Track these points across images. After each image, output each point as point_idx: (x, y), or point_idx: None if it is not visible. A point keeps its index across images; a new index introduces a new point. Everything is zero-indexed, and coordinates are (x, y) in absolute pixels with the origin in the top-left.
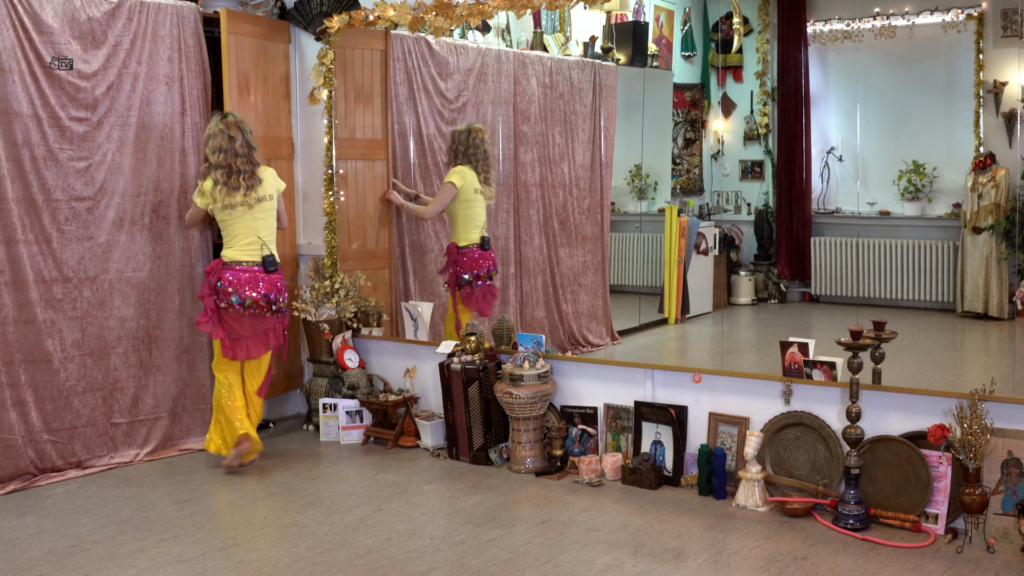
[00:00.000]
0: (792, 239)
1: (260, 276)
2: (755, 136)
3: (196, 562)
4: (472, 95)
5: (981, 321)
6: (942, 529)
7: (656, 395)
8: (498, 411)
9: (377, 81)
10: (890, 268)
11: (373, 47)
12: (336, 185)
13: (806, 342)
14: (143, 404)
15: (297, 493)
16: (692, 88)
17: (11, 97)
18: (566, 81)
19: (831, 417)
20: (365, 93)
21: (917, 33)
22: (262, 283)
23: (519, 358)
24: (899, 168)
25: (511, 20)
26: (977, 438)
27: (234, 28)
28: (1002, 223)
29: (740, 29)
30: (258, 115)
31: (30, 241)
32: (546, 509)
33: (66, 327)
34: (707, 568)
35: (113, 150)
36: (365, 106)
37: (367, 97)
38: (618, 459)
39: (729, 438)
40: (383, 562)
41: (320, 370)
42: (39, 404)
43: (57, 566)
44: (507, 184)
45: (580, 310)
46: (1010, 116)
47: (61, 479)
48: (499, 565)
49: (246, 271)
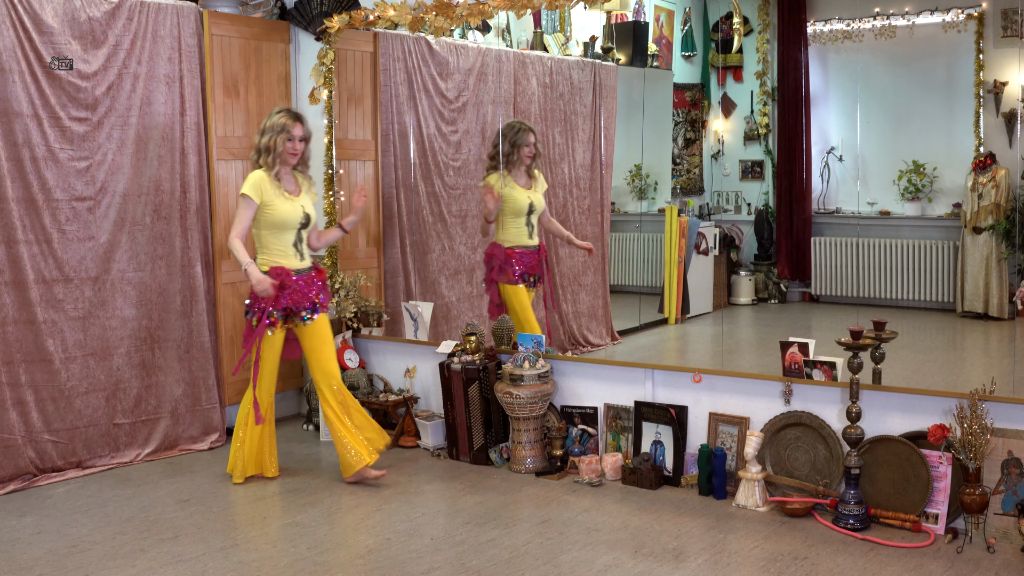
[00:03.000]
0: (792, 239)
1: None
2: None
3: (196, 562)
4: (472, 95)
5: (981, 321)
6: (942, 529)
7: (656, 395)
8: (498, 411)
9: (368, 83)
10: (890, 268)
11: (363, 48)
12: (336, 185)
13: (806, 342)
14: (146, 404)
15: (297, 493)
16: (692, 88)
17: (11, 97)
18: (566, 81)
19: (831, 417)
20: (356, 95)
21: (917, 33)
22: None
23: (519, 358)
24: (899, 168)
25: (511, 20)
26: (977, 438)
27: (219, 29)
28: (1002, 223)
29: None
30: (249, 115)
31: (31, 241)
32: (546, 509)
33: (67, 327)
34: (707, 568)
35: (113, 150)
36: (356, 107)
37: (358, 98)
38: (618, 459)
39: (729, 438)
40: (383, 562)
41: None
42: (39, 404)
43: (57, 566)
44: None
45: (580, 310)
46: (1010, 116)
47: (61, 479)
48: (499, 565)
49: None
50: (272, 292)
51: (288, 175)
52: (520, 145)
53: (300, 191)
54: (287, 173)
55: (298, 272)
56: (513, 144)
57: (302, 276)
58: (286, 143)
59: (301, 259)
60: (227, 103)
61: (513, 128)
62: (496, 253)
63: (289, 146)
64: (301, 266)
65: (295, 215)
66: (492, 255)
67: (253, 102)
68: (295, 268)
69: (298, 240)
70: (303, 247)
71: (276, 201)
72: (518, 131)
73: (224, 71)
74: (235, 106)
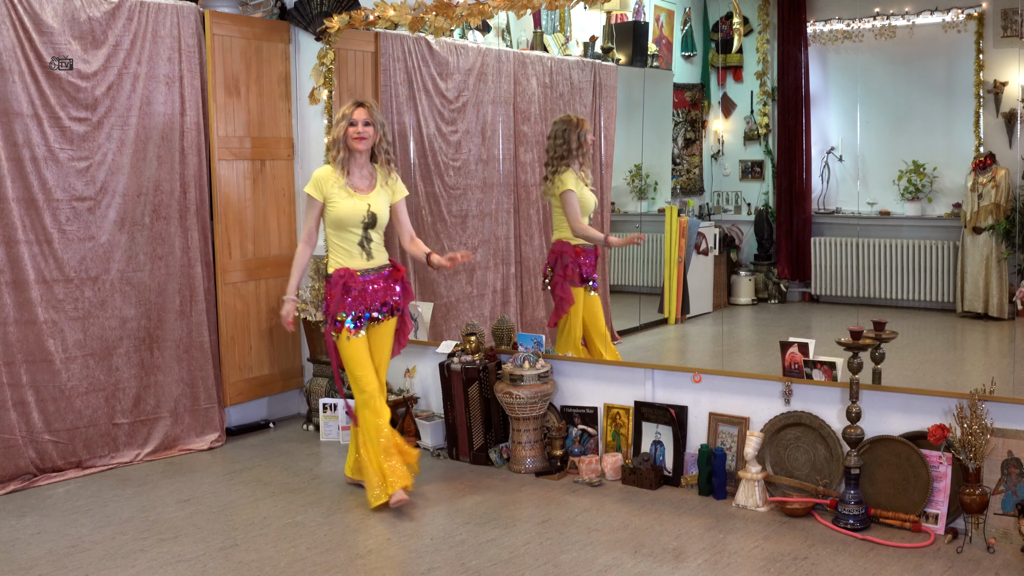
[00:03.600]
0: (792, 239)
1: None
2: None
3: (196, 562)
4: (472, 95)
5: (981, 321)
6: (942, 529)
7: (656, 395)
8: (498, 411)
9: (368, 83)
10: (890, 268)
11: (363, 48)
12: None
13: (806, 342)
14: (145, 404)
15: (297, 493)
16: (692, 88)
17: (11, 97)
18: (566, 81)
19: (831, 417)
20: (357, 95)
21: (917, 33)
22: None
23: (519, 358)
24: (899, 168)
25: (511, 20)
26: (977, 438)
27: (220, 29)
28: (1002, 223)
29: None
30: (250, 115)
31: (31, 241)
32: (546, 509)
33: (67, 327)
34: (707, 568)
35: (113, 150)
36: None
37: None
38: (618, 459)
39: (729, 438)
40: (383, 562)
41: (320, 370)
42: (40, 404)
43: (57, 566)
44: (507, 184)
45: None
46: (1010, 116)
47: (61, 479)
48: (499, 565)
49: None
50: (288, 327)
51: (363, 170)
52: (584, 140)
53: (373, 188)
54: (361, 167)
55: (365, 272)
56: (579, 140)
57: (370, 276)
58: (348, 128)
59: (369, 258)
60: (228, 103)
61: (572, 122)
62: (567, 251)
63: (352, 131)
64: (369, 266)
65: (356, 213)
66: (562, 252)
67: (254, 102)
68: (361, 268)
69: (365, 239)
70: (372, 246)
71: (336, 197)
72: (578, 124)
73: (225, 71)
74: (236, 106)
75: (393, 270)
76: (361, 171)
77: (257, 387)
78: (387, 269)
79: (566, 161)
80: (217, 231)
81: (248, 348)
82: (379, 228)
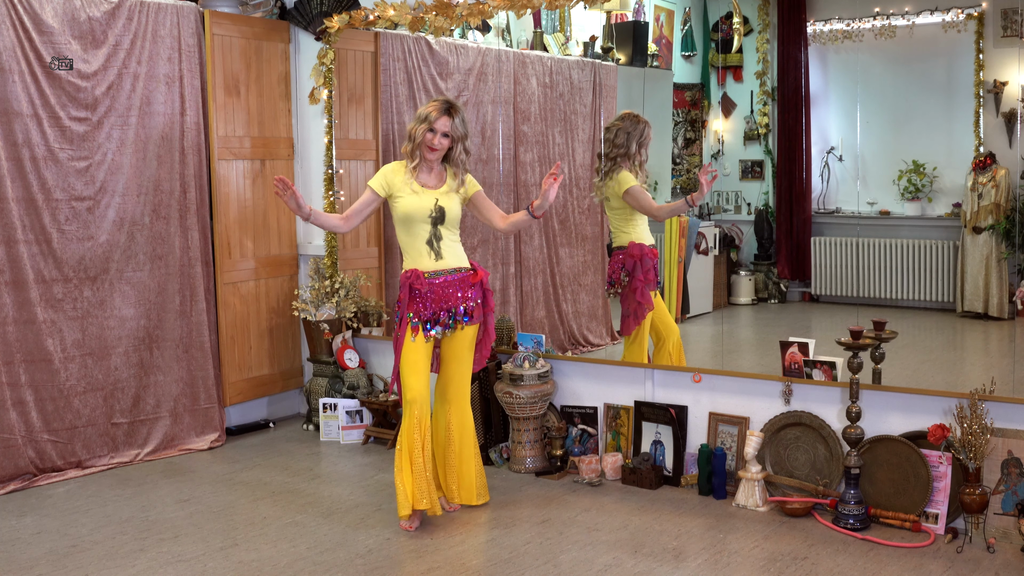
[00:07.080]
0: (792, 239)
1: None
2: (755, 136)
3: (196, 562)
4: (472, 95)
5: (981, 321)
6: (942, 529)
7: (656, 395)
8: (498, 411)
9: (368, 82)
10: (890, 268)
11: (363, 48)
12: (336, 185)
13: (806, 342)
14: (144, 404)
15: (297, 493)
16: (692, 88)
17: (11, 97)
18: (566, 81)
19: (831, 417)
20: (357, 94)
21: (917, 33)
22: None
23: (519, 358)
24: (899, 168)
25: (511, 20)
26: (977, 438)
27: (220, 29)
28: (1002, 223)
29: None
30: (250, 115)
31: (30, 241)
32: (546, 509)
33: (66, 327)
34: (707, 568)
35: (113, 150)
36: (357, 107)
37: (359, 98)
38: (618, 459)
39: (729, 438)
40: (383, 562)
41: (320, 370)
42: (39, 404)
43: (57, 566)
44: (507, 184)
45: (580, 310)
46: (1010, 116)
47: (61, 479)
48: (499, 565)
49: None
50: (290, 204)
51: (432, 168)
52: (644, 145)
53: (441, 184)
54: (431, 167)
55: (433, 274)
56: (640, 144)
57: (438, 279)
58: (426, 134)
59: (438, 258)
60: (228, 103)
61: (637, 123)
62: (647, 254)
63: (429, 137)
64: (438, 267)
65: (422, 208)
66: (643, 255)
67: (254, 102)
68: (429, 270)
69: (434, 237)
70: (442, 245)
71: (402, 193)
72: (644, 128)
73: (225, 71)
74: (236, 106)
75: (470, 273)
76: (431, 170)
77: (257, 387)
78: (462, 272)
79: (622, 163)
80: (217, 231)
81: (248, 348)
82: (450, 225)
